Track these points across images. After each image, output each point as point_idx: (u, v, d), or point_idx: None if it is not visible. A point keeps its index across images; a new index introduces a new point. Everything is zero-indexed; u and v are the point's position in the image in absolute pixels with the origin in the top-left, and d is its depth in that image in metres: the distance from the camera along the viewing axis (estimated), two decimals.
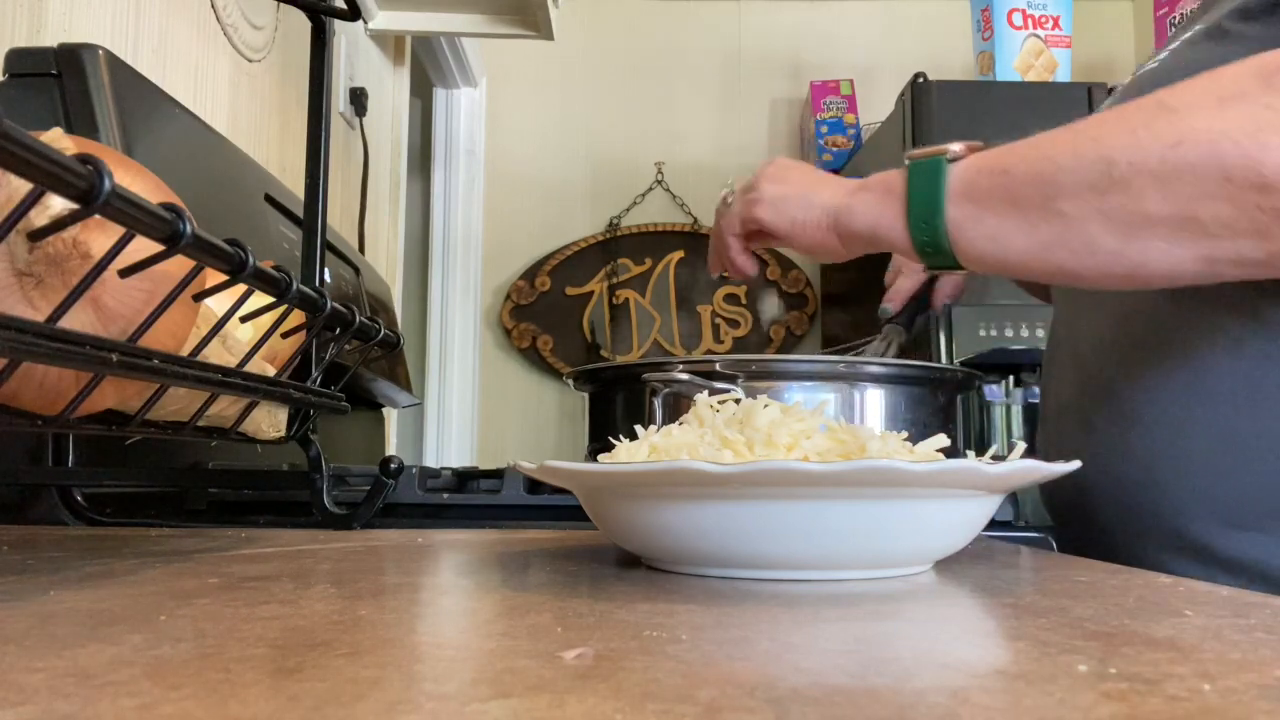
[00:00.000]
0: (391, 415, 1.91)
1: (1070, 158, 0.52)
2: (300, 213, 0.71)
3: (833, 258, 0.65)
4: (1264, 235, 0.47)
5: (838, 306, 2.58)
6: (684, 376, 0.71)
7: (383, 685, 0.20)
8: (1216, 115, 0.48)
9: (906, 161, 0.59)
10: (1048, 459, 0.42)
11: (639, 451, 0.44)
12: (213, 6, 1.17)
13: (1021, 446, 0.43)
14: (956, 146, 0.58)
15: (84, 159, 0.30)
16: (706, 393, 0.50)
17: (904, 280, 0.84)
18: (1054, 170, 0.52)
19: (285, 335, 0.55)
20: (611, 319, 2.70)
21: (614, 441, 0.46)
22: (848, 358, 0.76)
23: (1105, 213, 0.50)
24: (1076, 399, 0.69)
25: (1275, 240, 0.47)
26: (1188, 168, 0.47)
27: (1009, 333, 1.87)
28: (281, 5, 0.95)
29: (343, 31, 1.66)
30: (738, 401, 0.46)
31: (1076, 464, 0.42)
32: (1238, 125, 0.47)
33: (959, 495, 0.39)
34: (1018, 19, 2.15)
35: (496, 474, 0.79)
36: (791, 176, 0.66)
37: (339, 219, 1.66)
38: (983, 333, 1.88)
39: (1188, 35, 0.64)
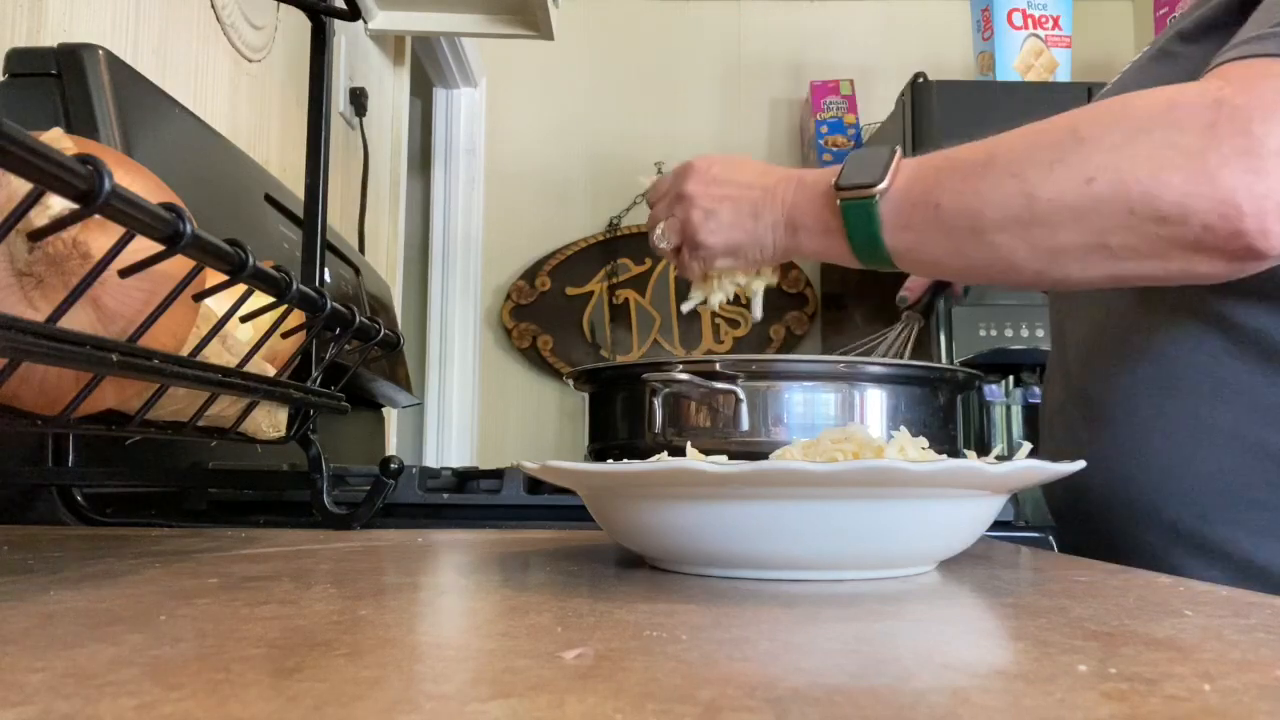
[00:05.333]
0: (391, 415, 1.90)
1: (994, 192, 0.56)
2: (300, 213, 0.71)
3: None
4: (1163, 258, 0.53)
5: (838, 306, 2.58)
6: (684, 376, 0.71)
7: (383, 685, 0.20)
8: (1124, 151, 0.52)
9: (838, 201, 0.61)
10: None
11: None
12: (213, 6, 1.16)
13: (1027, 447, 0.43)
14: (884, 183, 0.60)
15: (84, 159, 0.30)
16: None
17: None
18: (980, 205, 0.56)
19: (285, 335, 0.55)
20: (611, 319, 2.70)
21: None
22: (849, 357, 0.76)
23: (1029, 243, 0.55)
24: (1063, 403, 0.73)
25: (1173, 261, 0.53)
26: (1100, 203, 0.52)
27: (1009, 333, 1.87)
28: (281, 5, 0.95)
29: (343, 31, 1.66)
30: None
31: (1080, 464, 0.42)
32: (1142, 162, 0.51)
33: (961, 496, 0.39)
34: (1018, 19, 2.15)
35: (496, 474, 0.79)
36: (722, 210, 0.67)
37: (339, 219, 1.66)
38: (983, 333, 1.88)
39: (1138, 59, 0.68)
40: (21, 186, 0.30)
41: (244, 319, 0.50)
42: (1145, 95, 0.54)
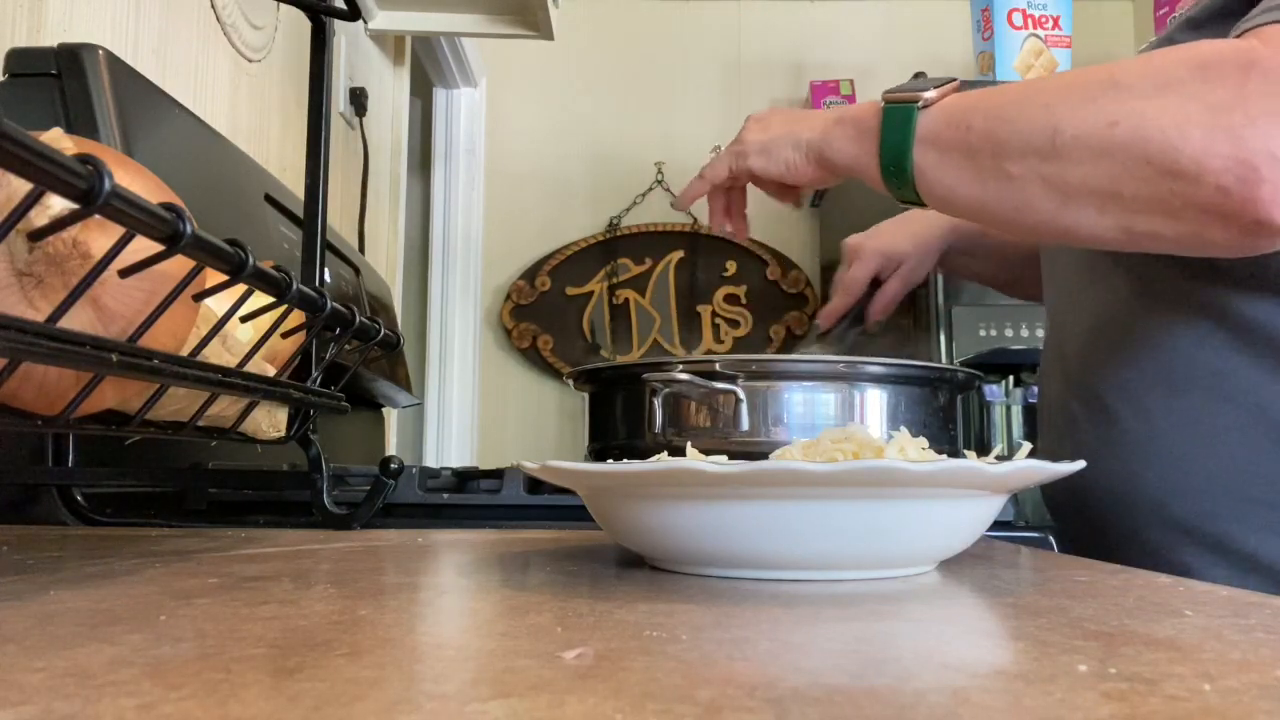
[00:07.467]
0: (391, 415, 1.90)
1: (1023, 121, 0.56)
2: (300, 213, 0.71)
3: (825, 185, 0.70)
4: (1175, 216, 0.51)
5: None
6: (684, 376, 0.71)
7: (383, 685, 0.20)
8: (1152, 100, 0.51)
9: (882, 102, 0.62)
10: (1044, 459, 0.42)
11: None
12: (213, 6, 1.16)
13: (1027, 447, 0.43)
14: (931, 93, 0.61)
15: (84, 159, 0.30)
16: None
17: (836, 300, 0.90)
18: (1007, 132, 0.56)
19: (285, 335, 0.55)
20: (611, 319, 2.70)
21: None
22: (842, 358, 0.77)
23: (1044, 177, 0.55)
24: (1063, 399, 0.72)
25: (1184, 221, 0.51)
26: (1119, 148, 0.51)
27: (1009, 333, 1.87)
28: (281, 5, 0.95)
29: (343, 31, 1.66)
30: None
31: (1080, 464, 0.42)
32: (1167, 113, 0.50)
33: (961, 496, 0.39)
34: (1018, 19, 2.15)
35: (496, 474, 0.79)
36: (773, 122, 0.70)
37: (339, 219, 1.66)
38: (983, 333, 1.88)
39: (1144, 48, 0.68)
40: (21, 186, 0.30)
41: (244, 319, 0.50)
42: (1181, 49, 0.53)
